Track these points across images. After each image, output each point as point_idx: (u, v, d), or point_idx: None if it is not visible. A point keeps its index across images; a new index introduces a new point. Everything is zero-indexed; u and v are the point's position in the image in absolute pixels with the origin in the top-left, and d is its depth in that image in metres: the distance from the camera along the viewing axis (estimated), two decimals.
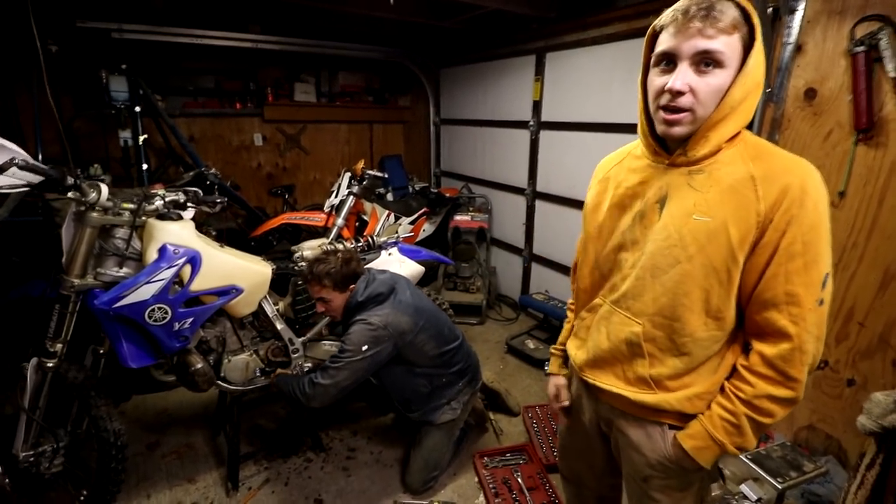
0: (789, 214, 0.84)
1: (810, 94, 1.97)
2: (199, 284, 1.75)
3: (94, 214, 1.59)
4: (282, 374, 1.98)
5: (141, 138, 3.25)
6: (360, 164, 3.09)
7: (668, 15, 0.87)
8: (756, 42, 0.84)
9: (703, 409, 0.98)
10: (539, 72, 3.42)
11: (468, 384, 2.02)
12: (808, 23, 1.94)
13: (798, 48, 1.98)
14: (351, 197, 3.01)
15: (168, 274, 1.67)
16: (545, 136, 3.50)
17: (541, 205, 3.65)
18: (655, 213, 0.97)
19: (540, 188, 3.62)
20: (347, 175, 3.10)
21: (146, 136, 3.36)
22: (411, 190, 4.46)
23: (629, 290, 1.01)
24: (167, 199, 1.81)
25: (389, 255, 2.34)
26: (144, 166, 3.31)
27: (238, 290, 1.85)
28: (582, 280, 1.18)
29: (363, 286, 1.81)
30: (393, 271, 2.08)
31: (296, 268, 2.13)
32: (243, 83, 4.27)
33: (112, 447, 1.75)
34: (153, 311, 1.67)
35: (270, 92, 4.33)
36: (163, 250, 1.69)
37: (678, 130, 0.89)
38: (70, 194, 1.57)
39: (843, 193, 1.92)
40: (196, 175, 2.78)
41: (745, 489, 1.86)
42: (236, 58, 4.04)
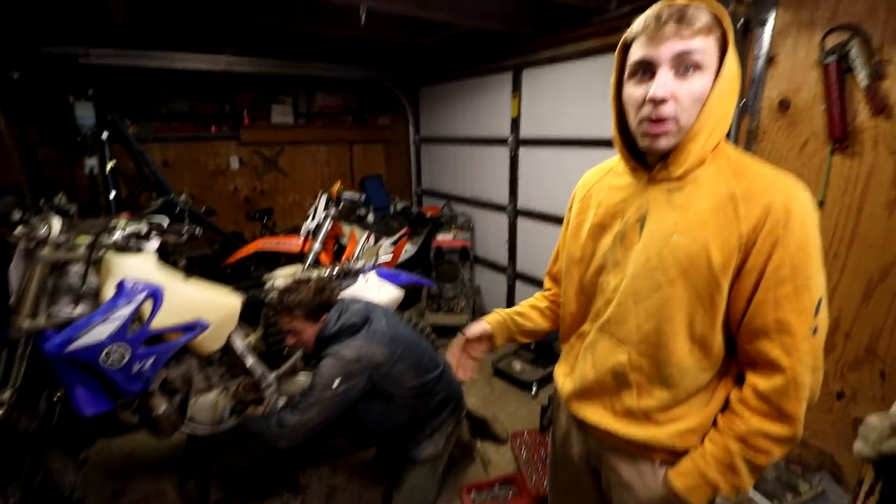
0: (774, 236, 0.79)
1: (784, 104, 1.97)
2: (161, 321, 1.65)
3: (45, 251, 1.49)
4: (250, 413, 1.87)
5: (109, 165, 3.14)
6: (337, 187, 3.03)
7: (639, 23, 0.83)
8: (730, 46, 0.81)
9: (697, 445, 0.92)
10: (516, 88, 3.41)
11: (451, 414, 1.93)
12: (779, 34, 1.95)
13: (770, 60, 1.98)
14: (328, 220, 2.94)
15: (126, 311, 1.57)
16: (524, 152, 3.48)
17: (523, 222, 3.61)
18: (636, 234, 0.92)
19: (521, 205, 3.58)
20: (324, 198, 3.03)
21: (115, 162, 3.25)
22: (392, 210, 4.40)
23: (613, 316, 0.96)
24: (128, 230, 1.72)
25: (367, 280, 2.26)
26: (113, 193, 3.20)
27: (204, 326, 1.75)
28: (568, 304, 1.12)
29: (336, 316, 1.72)
30: (370, 298, 2.00)
31: (267, 298, 2.04)
32: (219, 106, 4.21)
33: (67, 502, 1.62)
34: (110, 352, 1.56)
35: (247, 114, 4.27)
36: (121, 286, 1.59)
37: (664, 143, 0.84)
38: (17, 230, 1.47)
39: (822, 203, 1.90)
40: (164, 202, 2.69)
41: None
42: (211, 81, 3.98)
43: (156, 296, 1.64)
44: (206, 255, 3.35)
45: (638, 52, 0.83)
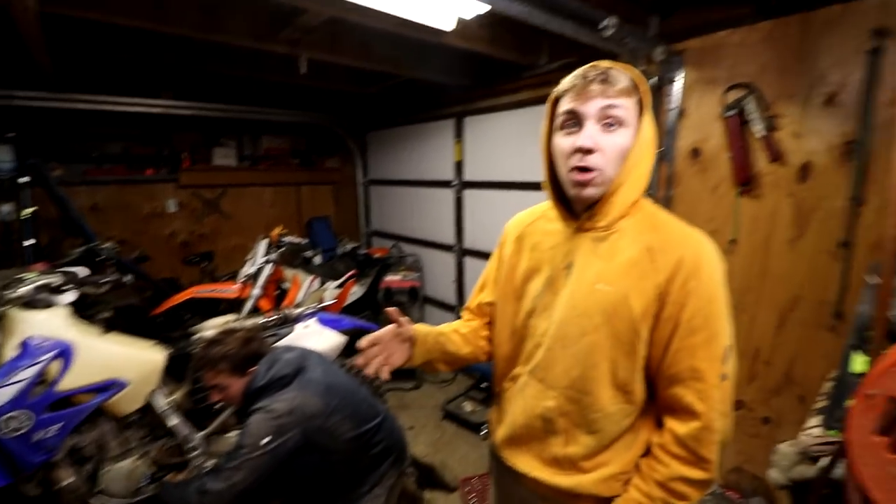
0: (687, 287, 0.85)
1: (696, 152, 2.16)
2: (70, 382, 1.52)
3: None
4: (169, 481, 1.71)
5: (27, 211, 2.93)
6: (277, 231, 2.96)
7: (567, 81, 0.90)
8: (646, 110, 0.89)
9: (620, 492, 0.93)
10: (459, 134, 3.55)
11: (393, 465, 1.85)
12: (688, 89, 2.16)
13: (681, 112, 2.18)
14: (268, 265, 2.85)
15: (29, 373, 1.43)
16: (469, 194, 3.59)
17: (470, 261, 3.67)
18: (563, 279, 0.95)
19: (467, 245, 3.65)
20: (264, 242, 2.95)
21: (36, 208, 3.04)
22: (340, 252, 4.34)
23: (541, 361, 0.97)
24: (38, 283, 1.59)
25: (306, 327, 2.19)
26: (31, 241, 2.96)
27: (121, 385, 1.61)
28: (502, 346, 1.11)
29: (265, 368, 1.63)
30: (306, 346, 1.93)
31: (194, 350, 1.92)
32: (156, 148, 4.07)
33: None
34: (8, 420, 1.40)
35: (187, 157, 4.15)
36: (25, 345, 1.46)
37: (590, 192, 0.89)
38: None
39: (734, 241, 2.06)
40: (87, 250, 2.52)
41: None
42: (148, 122, 3.85)
43: (65, 354, 1.51)
44: (133, 305, 3.13)
45: (566, 105, 0.90)
